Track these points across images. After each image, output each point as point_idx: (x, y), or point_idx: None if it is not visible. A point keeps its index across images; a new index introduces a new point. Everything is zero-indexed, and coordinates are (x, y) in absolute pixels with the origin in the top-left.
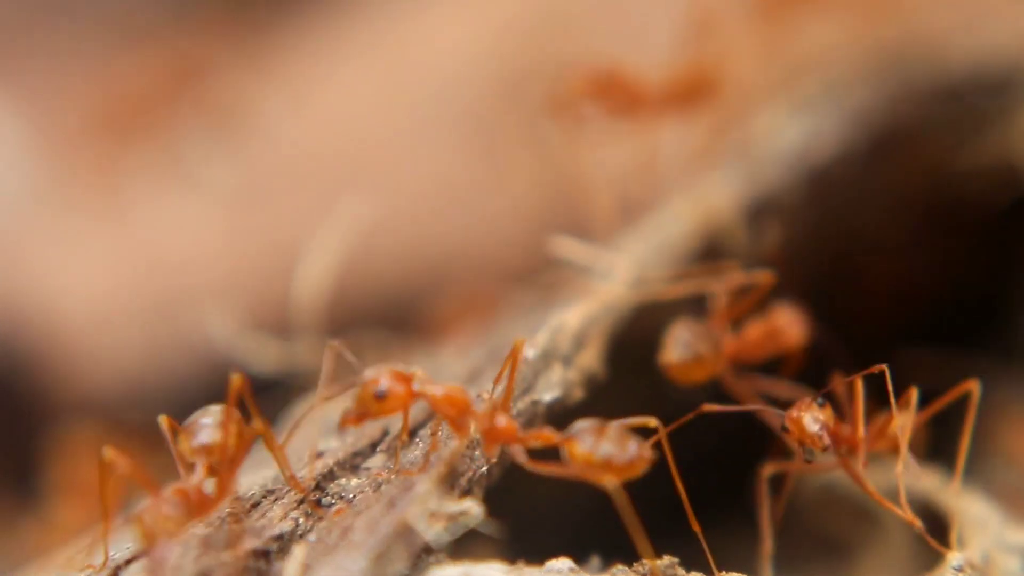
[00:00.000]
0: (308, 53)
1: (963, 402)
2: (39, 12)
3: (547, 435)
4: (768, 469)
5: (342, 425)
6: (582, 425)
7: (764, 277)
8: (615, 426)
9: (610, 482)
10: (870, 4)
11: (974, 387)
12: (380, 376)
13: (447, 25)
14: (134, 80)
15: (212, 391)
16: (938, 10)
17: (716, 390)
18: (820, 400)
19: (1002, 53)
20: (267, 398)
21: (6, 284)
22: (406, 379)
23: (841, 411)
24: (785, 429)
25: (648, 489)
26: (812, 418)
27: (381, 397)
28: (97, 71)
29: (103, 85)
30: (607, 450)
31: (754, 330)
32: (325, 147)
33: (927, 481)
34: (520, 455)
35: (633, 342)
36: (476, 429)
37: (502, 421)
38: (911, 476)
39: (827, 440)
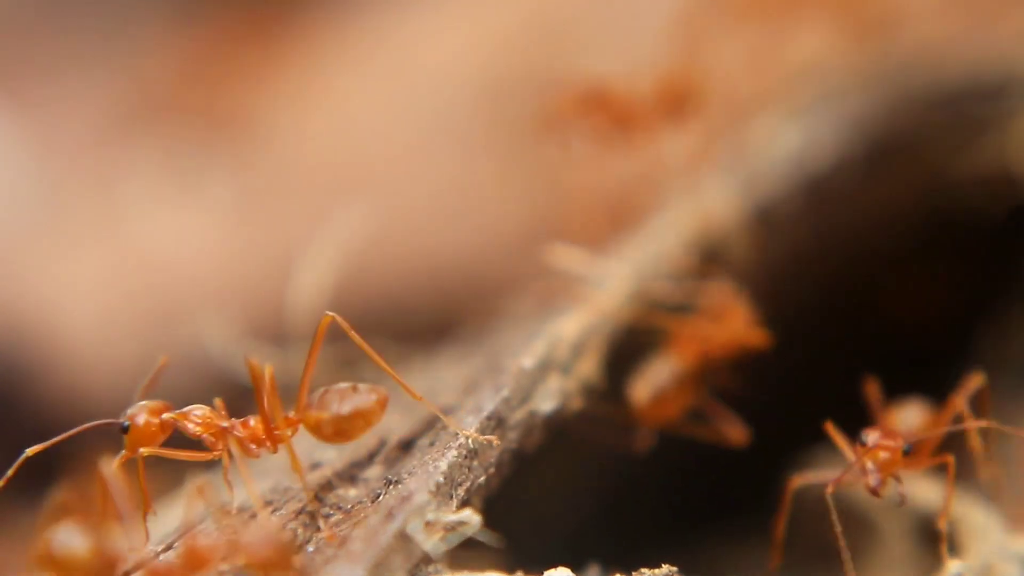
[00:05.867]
0: (309, 63)
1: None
2: (40, 20)
3: (289, 419)
4: (797, 481)
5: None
6: (312, 397)
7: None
8: (342, 384)
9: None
10: (864, 11)
11: (978, 379)
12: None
13: (447, 36)
14: (134, 89)
15: (209, 401)
16: (933, 18)
17: None
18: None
19: (997, 61)
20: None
21: (4, 293)
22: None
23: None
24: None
25: (651, 493)
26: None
27: (125, 431)
28: (97, 79)
29: (103, 94)
30: (333, 408)
31: (704, 325)
32: (324, 156)
33: (929, 488)
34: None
35: (632, 350)
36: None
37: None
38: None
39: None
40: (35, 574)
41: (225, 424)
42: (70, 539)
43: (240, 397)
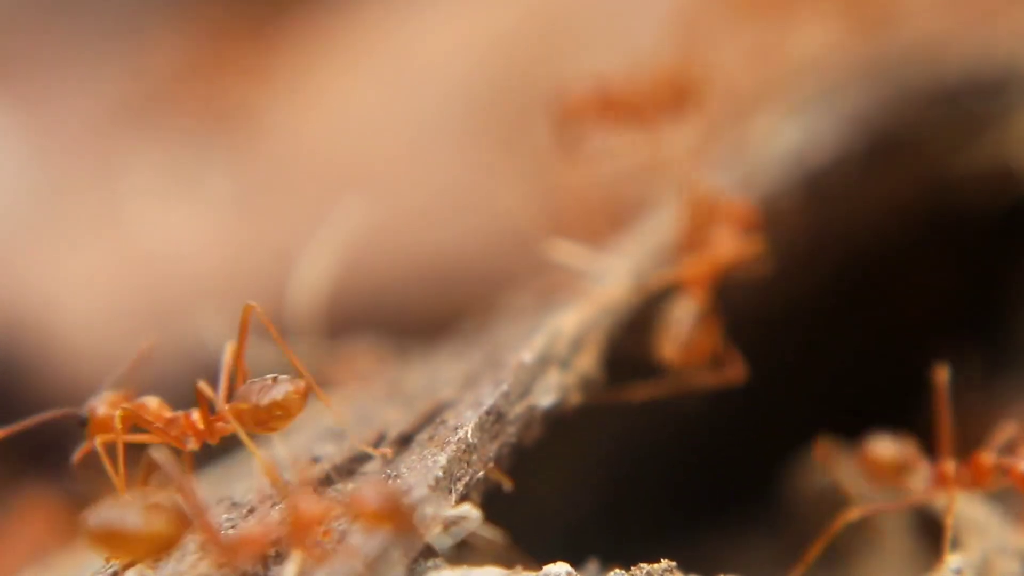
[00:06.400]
0: (309, 60)
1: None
2: (39, 16)
3: (220, 414)
4: (854, 514)
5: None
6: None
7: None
8: (267, 376)
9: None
10: (864, 7)
11: (942, 372)
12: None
13: (446, 33)
14: (134, 85)
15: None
16: (933, 14)
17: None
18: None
19: (997, 57)
20: None
21: (2, 288)
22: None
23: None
24: None
25: (651, 488)
26: None
27: (83, 423)
28: (97, 76)
29: (102, 90)
30: (252, 400)
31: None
32: (323, 153)
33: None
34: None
35: (631, 345)
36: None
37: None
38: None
39: None
40: (104, 552)
41: (169, 415)
42: (137, 515)
43: None
